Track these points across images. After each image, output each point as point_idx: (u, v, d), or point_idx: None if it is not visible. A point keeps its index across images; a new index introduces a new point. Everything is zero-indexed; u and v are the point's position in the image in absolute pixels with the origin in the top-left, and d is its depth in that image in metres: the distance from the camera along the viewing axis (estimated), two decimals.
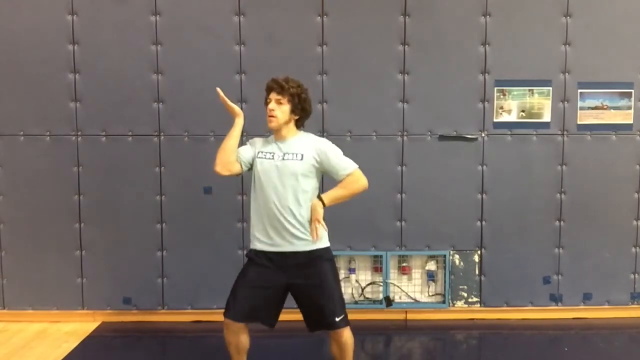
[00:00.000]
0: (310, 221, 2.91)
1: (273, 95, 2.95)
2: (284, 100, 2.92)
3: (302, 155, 2.93)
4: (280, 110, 2.92)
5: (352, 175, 2.95)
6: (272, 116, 2.93)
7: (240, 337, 3.01)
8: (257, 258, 2.98)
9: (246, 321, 2.98)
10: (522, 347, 3.93)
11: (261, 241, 2.96)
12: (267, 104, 2.98)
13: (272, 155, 2.95)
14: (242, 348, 3.05)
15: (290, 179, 2.90)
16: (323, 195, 2.94)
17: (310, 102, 3.03)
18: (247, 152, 3.03)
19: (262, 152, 2.98)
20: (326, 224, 2.97)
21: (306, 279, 2.92)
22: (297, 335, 3.61)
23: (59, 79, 4.15)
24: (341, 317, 2.94)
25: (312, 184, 2.96)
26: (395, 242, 4.31)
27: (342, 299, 3.02)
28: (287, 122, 2.96)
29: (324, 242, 2.99)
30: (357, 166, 2.98)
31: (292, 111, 2.95)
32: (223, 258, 4.22)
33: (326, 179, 3.11)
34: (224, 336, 3.02)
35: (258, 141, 3.07)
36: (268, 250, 2.95)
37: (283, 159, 2.93)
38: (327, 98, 4.19)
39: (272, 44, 4.14)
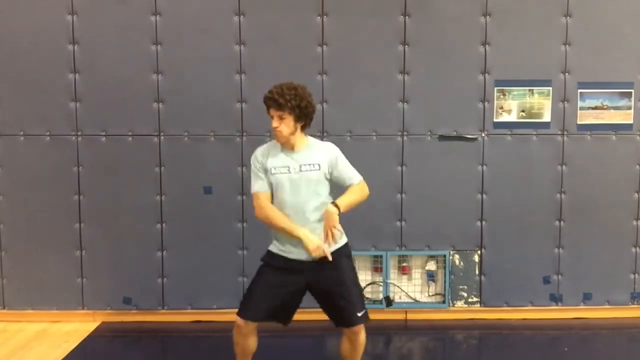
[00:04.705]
0: (324, 227, 2.86)
1: (273, 112, 2.86)
2: (286, 114, 2.84)
3: (319, 165, 2.91)
4: (284, 124, 2.85)
5: (360, 184, 2.99)
6: (277, 132, 2.87)
7: (248, 340, 2.99)
8: (275, 260, 2.95)
9: (261, 321, 2.95)
10: (522, 347, 3.93)
11: (281, 249, 2.94)
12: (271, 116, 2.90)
13: (288, 169, 2.89)
14: (249, 351, 3.04)
15: (309, 189, 2.88)
16: (338, 201, 2.89)
17: (312, 104, 2.93)
18: (268, 185, 2.94)
19: (275, 168, 2.90)
20: None
21: (325, 277, 2.91)
22: (298, 335, 3.62)
23: (59, 79, 4.15)
24: (362, 312, 2.96)
25: (326, 190, 2.95)
26: (395, 242, 4.31)
27: (362, 295, 3.04)
28: (293, 133, 2.90)
29: (341, 241, 2.99)
30: (361, 176, 3.01)
31: (297, 121, 2.88)
32: (223, 258, 4.22)
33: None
34: (232, 335, 3.00)
35: (264, 155, 2.96)
36: (287, 257, 2.93)
37: (300, 170, 2.89)
38: (327, 98, 4.19)
39: (274, 44, 4.14)
